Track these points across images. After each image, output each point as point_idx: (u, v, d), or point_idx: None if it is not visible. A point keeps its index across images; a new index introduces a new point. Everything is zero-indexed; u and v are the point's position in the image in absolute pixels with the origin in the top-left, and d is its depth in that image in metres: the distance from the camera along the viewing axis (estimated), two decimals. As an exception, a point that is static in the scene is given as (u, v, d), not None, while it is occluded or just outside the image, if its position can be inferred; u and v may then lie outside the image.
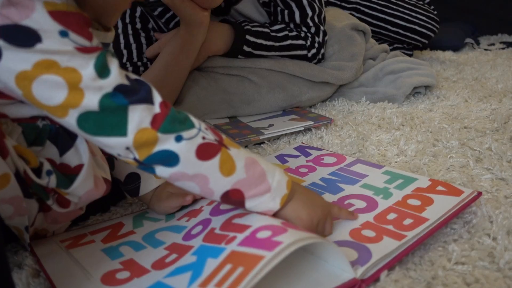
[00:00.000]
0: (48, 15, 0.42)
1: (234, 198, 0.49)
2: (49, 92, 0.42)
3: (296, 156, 0.84)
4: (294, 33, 1.13)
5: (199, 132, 0.47)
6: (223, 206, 0.59)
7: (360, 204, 0.64)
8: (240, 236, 0.48)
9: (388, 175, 0.71)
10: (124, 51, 1.08)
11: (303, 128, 0.99)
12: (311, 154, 0.84)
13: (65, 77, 0.42)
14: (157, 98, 0.46)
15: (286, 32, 1.12)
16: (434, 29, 1.59)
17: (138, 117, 0.44)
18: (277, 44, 1.11)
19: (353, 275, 0.48)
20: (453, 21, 2.03)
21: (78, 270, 0.54)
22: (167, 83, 1.03)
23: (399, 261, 0.52)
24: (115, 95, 0.43)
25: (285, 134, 0.99)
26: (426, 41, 1.60)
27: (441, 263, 0.53)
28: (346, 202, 0.65)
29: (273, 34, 1.11)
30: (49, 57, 0.42)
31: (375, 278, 0.50)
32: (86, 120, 0.43)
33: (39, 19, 0.42)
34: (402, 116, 1.04)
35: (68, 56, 0.42)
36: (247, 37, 1.07)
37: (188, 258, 0.50)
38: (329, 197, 0.66)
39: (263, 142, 0.95)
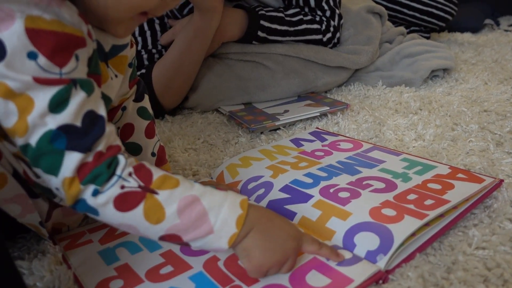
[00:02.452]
0: (24, 32, 0.39)
1: (173, 241, 0.45)
2: (3, 114, 0.41)
3: (311, 141, 0.84)
4: (309, 17, 1.12)
5: (118, 180, 0.42)
6: None
7: (379, 185, 0.63)
8: None
9: (406, 162, 0.70)
10: (139, 39, 1.08)
11: (318, 114, 0.98)
12: (326, 139, 0.84)
13: (18, 104, 0.40)
14: (99, 146, 0.42)
15: (301, 17, 1.11)
16: (452, 11, 1.55)
17: (72, 164, 0.41)
18: (292, 29, 1.10)
19: (378, 268, 0.48)
20: (471, 2, 1.98)
21: (99, 259, 0.55)
22: (181, 70, 1.03)
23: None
24: (56, 136, 0.40)
25: (301, 120, 0.98)
26: (443, 24, 1.56)
27: (461, 248, 0.52)
28: (364, 182, 0.64)
29: (288, 18, 1.09)
30: (5, 80, 0.39)
31: (399, 266, 0.50)
32: (25, 150, 0.42)
33: (12, 34, 0.38)
34: (419, 100, 1.03)
35: (26, 84, 0.39)
36: (262, 22, 1.06)
37: (185, 282, 0.49)
38: (346, 178, 0.66)
39: (279, 128, 0.95)
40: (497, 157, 0.74)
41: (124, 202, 0.42)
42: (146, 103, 0.68)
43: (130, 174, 0.43)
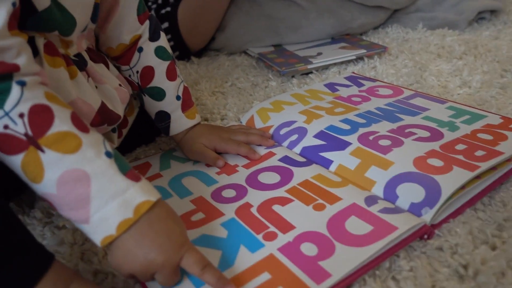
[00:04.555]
0: None
1: (52, 206, 0.38)
2: None
3: (347, 86, 0.79)
4: (347, -50, 1.02)
5: (3, 118, 0.34)
6: (262, 178, 0.55)
7: (423, 133, 0.58)
8: (282, 238, 0.44)
9: (453, 110, 0.65)
10: (163, -27, 1.01)
11: (354, 57, 0.92)
12: (363, 85, 0.78)
13: None
14: None
15: (338, -51, 1.01)
16: None
17: None
18: (328, -37, 1.01)
19: (423, 221, 0.44)
20: None
21: None
22: (208, 8, 0.97)
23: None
24: None
25: (335, 64, 0.92)
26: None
27: (514, 204, 0.48)
28: (406, 130, 0.59)
29: (324, -49, 1.00)
30: None
31: (446, 222, 0.46)
32: None
33: None
34: (464, 44, 0.95)
35: None
36: (295, -45, 0.98)
37: (218, 229, 0.47)
38: (387, 125, 0.61)
39: (311, 72, 0.89)
40: (553, 107, 0.68)
41: (3, 144, 0.35)
42: (163, 42, 0.61)
43: (21, 116, 0.35)
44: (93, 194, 0.36)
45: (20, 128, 0.35)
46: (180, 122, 0.61)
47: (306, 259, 0.41)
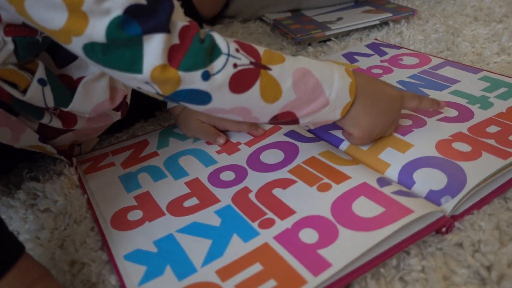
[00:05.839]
0: None
1: (285, 119, 0.42)
2: (46, 13, 0.33)
3: (368, 55, 0.71)
4: None
5: (228, 59, 0.37)
6: (264, 157, 0.50)
7: (450, 112, 0.51)
8: (279, 225, 0.39)
9: (487, 82, 0.57)
10: None
11: (378, 22, 0.83)
12: (387, 53, 0.71)
13: None
14: (178, 23, 0.35)
15: None
16: None
17: (154, 50, 0.34)
18: None
19: (441, 212, 0.38)
20: None
21: (119, 186, 0.50)
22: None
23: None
24: (127, 21, 0.33)
25: (356, 30, 0.84)
26: None
27: (552, 193, 0.41)
28: (431, 109, 0.52)
29: None
30: None
31: (469, 213, 0.40)
32: (93, 51, 0.34)
33: None
34: (506, 5, 0.84)
35: None
36: None
37: (211, 217, 0.43)
38: (408, 104, 0.54)
39: (330, 39, 0.82)
40: None
41: (240, 82, 0.38)
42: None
43: (237, 51, 0.38)
44: (321, 79, 0.40)
45: (244, 60, 0.38)
46: None
47: (304, 247, 0.36)
